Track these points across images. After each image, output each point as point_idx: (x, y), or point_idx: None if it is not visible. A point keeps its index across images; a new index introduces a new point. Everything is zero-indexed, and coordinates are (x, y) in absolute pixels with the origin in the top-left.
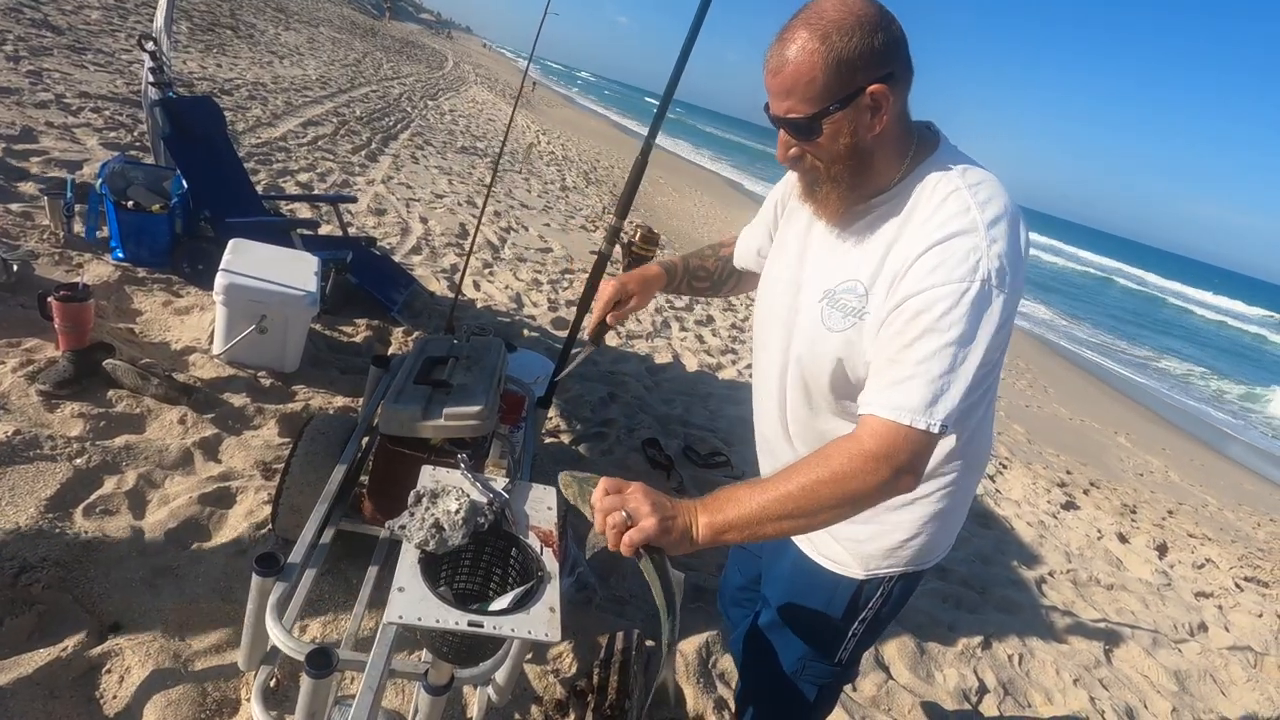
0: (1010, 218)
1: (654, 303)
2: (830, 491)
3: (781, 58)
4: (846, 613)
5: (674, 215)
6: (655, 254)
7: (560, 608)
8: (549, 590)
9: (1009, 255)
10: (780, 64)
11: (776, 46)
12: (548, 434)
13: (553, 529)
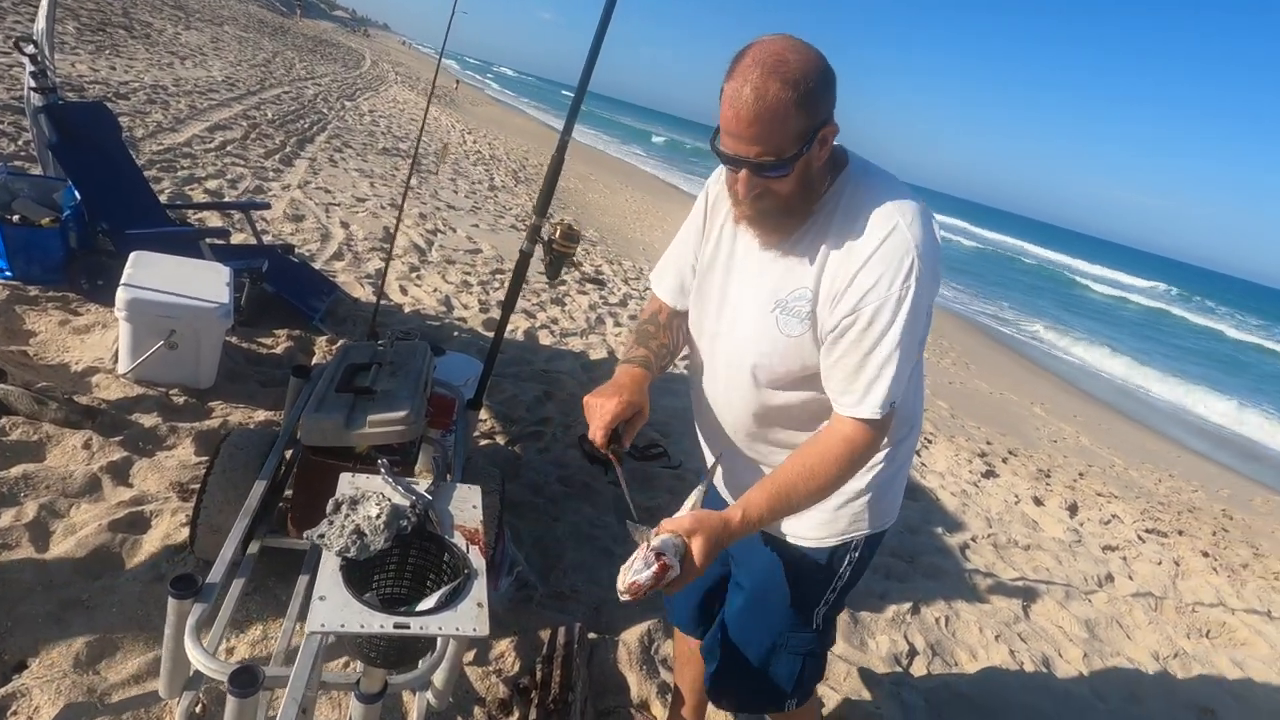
0: (923, 214)
1: (587, 299)
2: (832, 481)
3: (754, 107)
4: (821, 580)
5: (606, 212)
6: (575, 251)
7: (490, 603)
8: (476, 586)
9: (930, 248)
10: (755, 113)
11: (745, 93)
12: (482, 436)
13: (478, 527)
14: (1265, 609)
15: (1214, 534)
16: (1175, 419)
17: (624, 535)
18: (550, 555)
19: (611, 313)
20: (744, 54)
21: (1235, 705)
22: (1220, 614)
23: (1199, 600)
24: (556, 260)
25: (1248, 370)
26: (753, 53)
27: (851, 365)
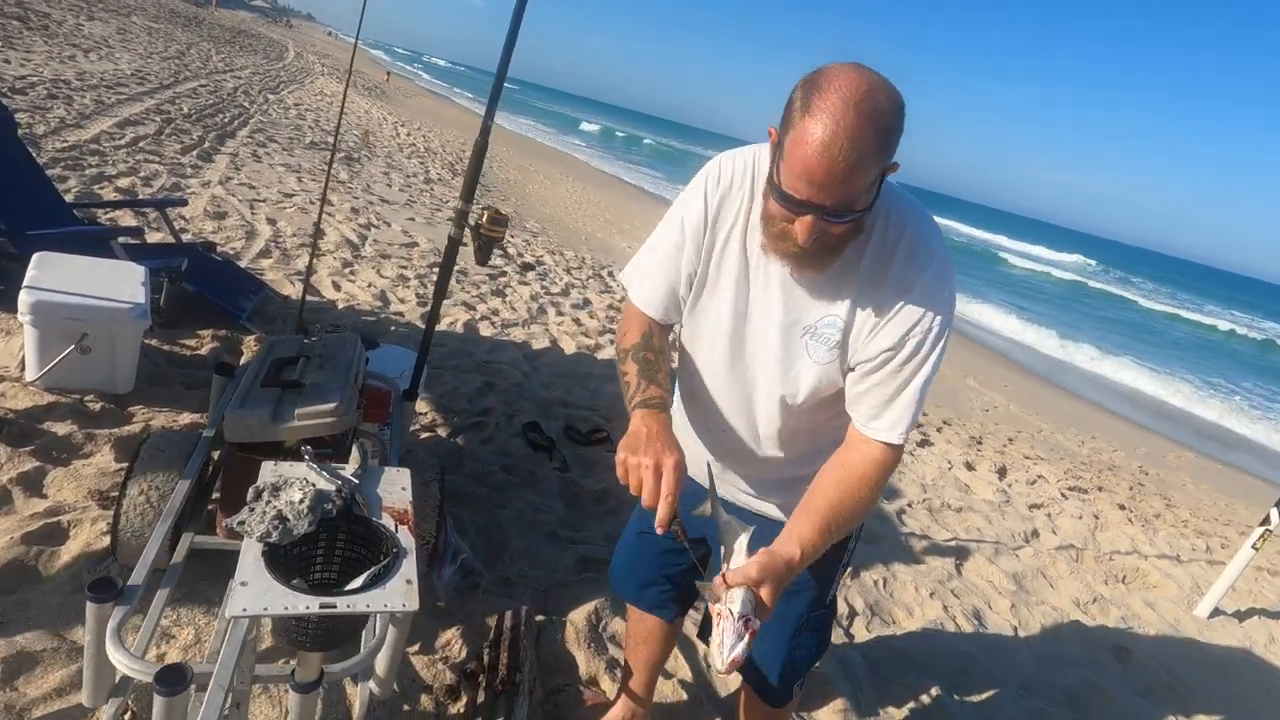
0: (939, 234)
1: (529, 290)
2: (869, 502)
3: (847, 157)
4: (836, 558)
5: (547, 203)
6: (503, 235)
7: (435, 591)
8: (405, 564)
9: (952, 272)
10: (847, 164)
11: (837, 142)
12: (422, 429)
13: (407, 508)
14: (1175, 554)
15: (1131, 489)
16: (1098, 385)
17: (570, 519)
18: (495, 543)
19: (554, 302)
20: (825, 88)
21: (1148, 642)
22: (1134, 561)
23: (1116, 549)
24: (485, 244)
25: (1160, 336)
26: (839, 89)
27: (887, 394)
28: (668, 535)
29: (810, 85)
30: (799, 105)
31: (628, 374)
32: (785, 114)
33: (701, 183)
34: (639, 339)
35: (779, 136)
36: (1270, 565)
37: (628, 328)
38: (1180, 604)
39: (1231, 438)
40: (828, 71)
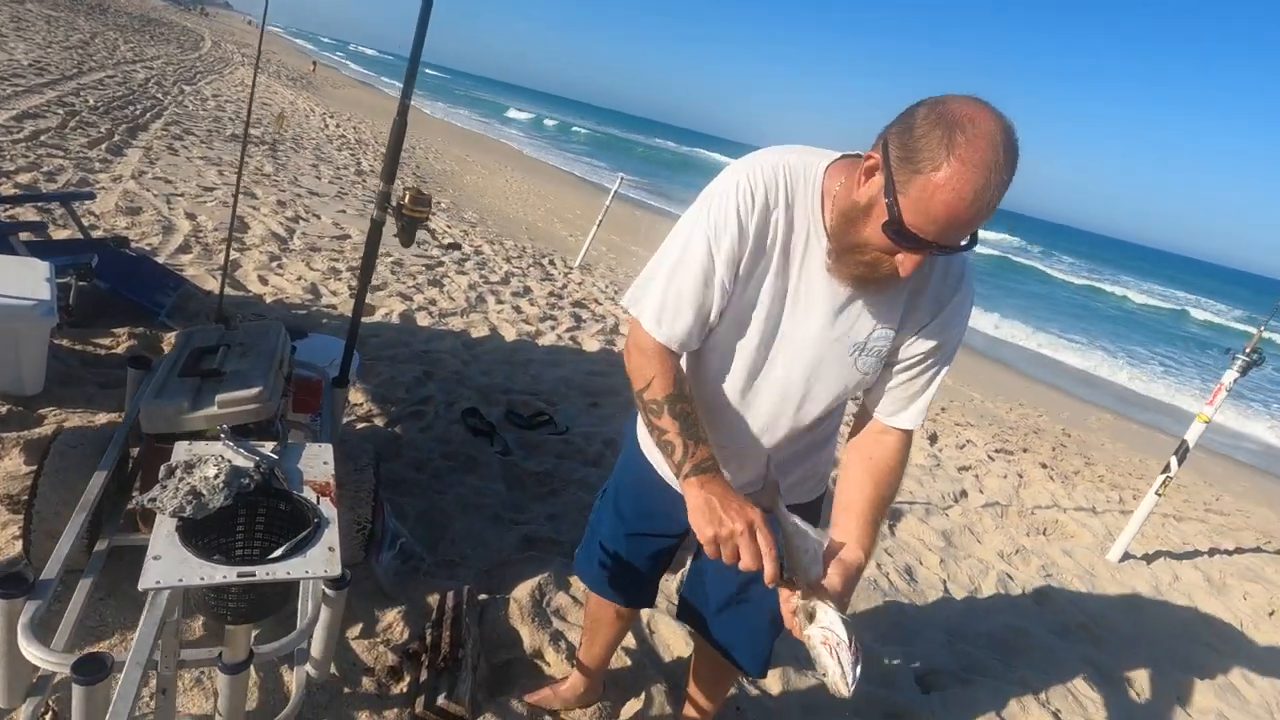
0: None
1: (467, 279)
2: (899, 483)
3: (991, 205)
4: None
5: (485, 193)
6: (427, 215)
7: (341, 547)
8: (327, 533)
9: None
10: (989, 211)
11: (989, 191)
12: (359, 419)
13: (329, 480)
14: (1091, 506)
15: (1053, 449)
16: (1026, 356)
17: (513, 501)
18: (437, 527)
19: (493, 290)
20: (971, 131)
21: (1065, 587)
22: (1054, 514)
23: (1037, 504)
24: (409, 225)
25: (1081, 308)
26: (987, 135)
27: (917, 388)
28: (659, 539)
29: (951, 125)
30: (941, 146)
31: (667, 431)
32: (910, 147)
33: (732, 203)
34: (672, 388)
35: (898, 170)
36: (1176, 512)
37: (652, 371)
38: (1094, 551)
39: (1147, 400)
40: (966, 110)
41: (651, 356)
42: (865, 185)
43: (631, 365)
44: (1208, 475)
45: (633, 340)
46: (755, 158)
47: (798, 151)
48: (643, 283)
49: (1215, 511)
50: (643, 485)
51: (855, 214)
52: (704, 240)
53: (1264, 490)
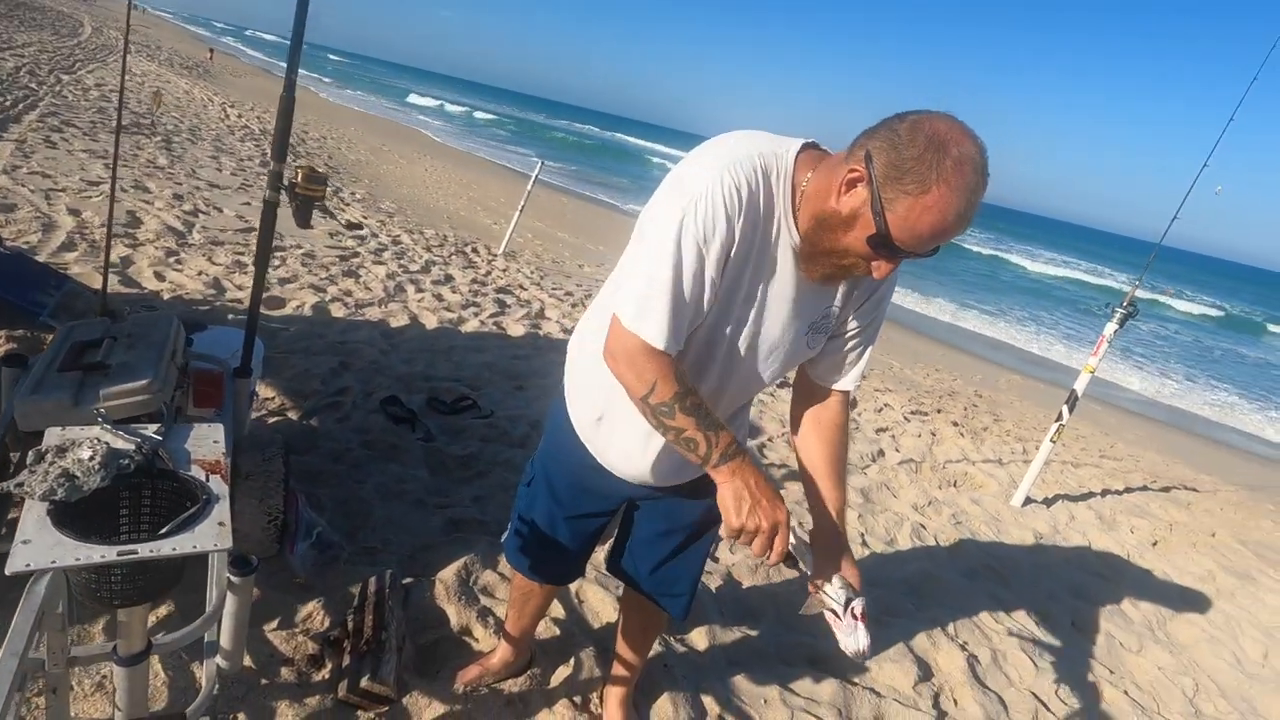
0: None
1: (384, 269)
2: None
3: (968, 218)
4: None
5: (403, 183)
6: (323, 194)
7: (253, 539)
8: (217, 508)
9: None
10: (967, 224)
11: (970, 212)
12: (271, 413)
13: (219, 459)
14: (998, 458)
15: (965, 409)
16: (943, 327)
17: (437, 486)
18: (357, 516)
19: (413, 280)
20: (956, 155)
21: (973, 533)
22: (964, 467)
23: (949, 459)
24: (304, 204)
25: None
26: (970, 160)
27: (854, 355)
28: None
29: (939, 149)
30: (930, 170)
31: (685, 429)
32: (899, 167)
33: (720, 203)
34: (677, 385)
35: (885, 187)
36: (1074, 459)
37: (651, 374)
38: (1000, 498)
39: (1051, 361)
40: (950, 134)
41: (647, 360)
42: (847, 196)
43: (624, 373)
44: (1104, 425)
45: (619, 348)
46: (730, 150)
47: (764, 140)
48: (638, 298)
49: (1109, 457)
50: (576, 468)
51: (836, 222)
52: (694, 246)
53: (1153, 436)
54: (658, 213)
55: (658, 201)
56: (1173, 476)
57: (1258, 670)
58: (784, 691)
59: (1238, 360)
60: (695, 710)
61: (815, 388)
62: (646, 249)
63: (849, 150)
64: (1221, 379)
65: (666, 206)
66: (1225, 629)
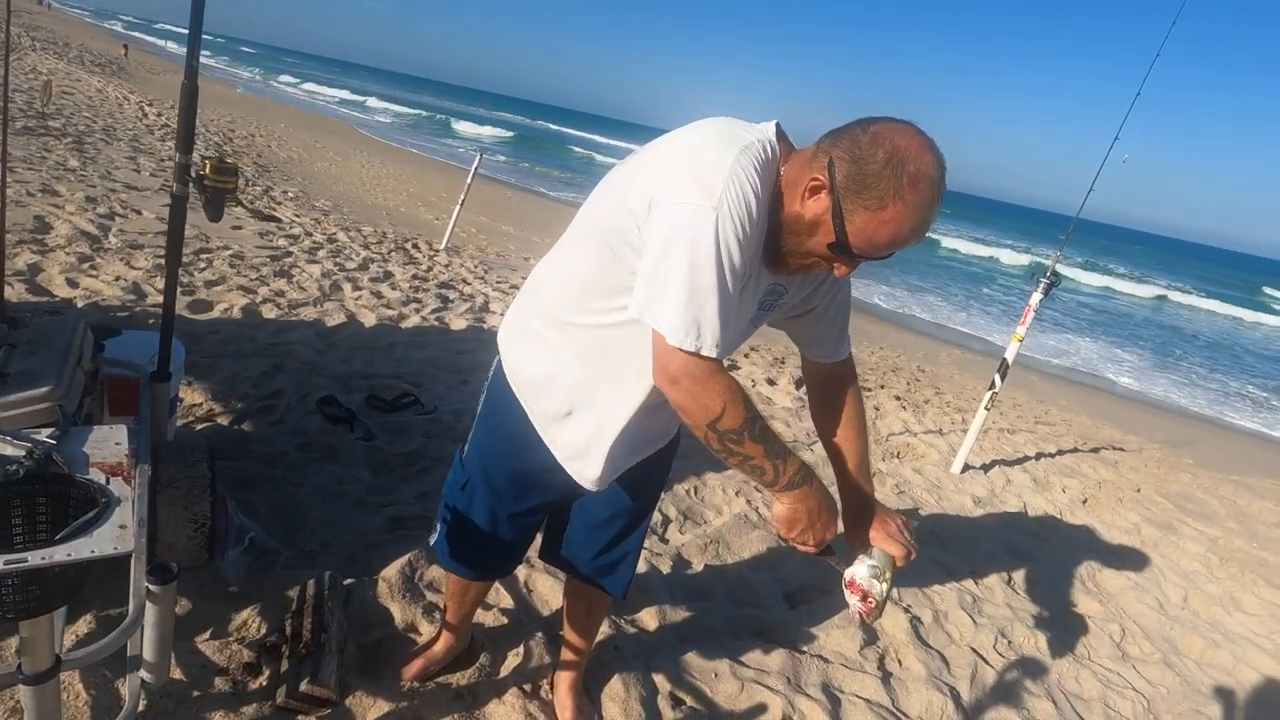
0: None
1: (319, 268)
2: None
3: (926, 229)
4: (666, 473)
5: (339, 180)
6: (235, 185)
7: (134, 524)
8: (118, 511)
9: None
10: (924, 234)
11: (929, 221)
12: (199, 419)
13: (122, 460)
14: (938, 428)
15: (908, 384)
16: (882, 310)
17: (378, 486)
18: (293, 519)
19: (350, 278)
20: (914, 170)
21: (915, 500)
22: (906, 439)
23: (892, 432)
24: (214, 197)
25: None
26: (929, 173)
27: (839, 325)
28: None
29: (898, 165)
30: (889, 186)
31: (753, 457)
32: (859, 180)
33: (750, 192)
34: (745, 409)
35: (846, 199)
36: (1010, 426)
37: (718, 400)
38: (940, 466)
39: (990, 335)
40: (910, 148)
41: (713, 382)
42: (810, 202)
43: (687, 400)
44: (1039, 393)
45: (679, 372)
46: (733, 134)
47: (743, 125)
48: (684, 310)
49: (1044, 423)
50: (521, 462)
51: (801, 227)
52: (735, 243)
53: (1084, 401)
54: (677, 209)
55: (668, 201)
56: (1101, 438)
57: (1178, 613)
58: (734, 664)
59: (1151, 325)
60: (646, 689)
61: (818, 367)
62: (683, 250)
63: (814, 150)
64: (1138, 343)
65: (690, 208)
66: (1149, 577)
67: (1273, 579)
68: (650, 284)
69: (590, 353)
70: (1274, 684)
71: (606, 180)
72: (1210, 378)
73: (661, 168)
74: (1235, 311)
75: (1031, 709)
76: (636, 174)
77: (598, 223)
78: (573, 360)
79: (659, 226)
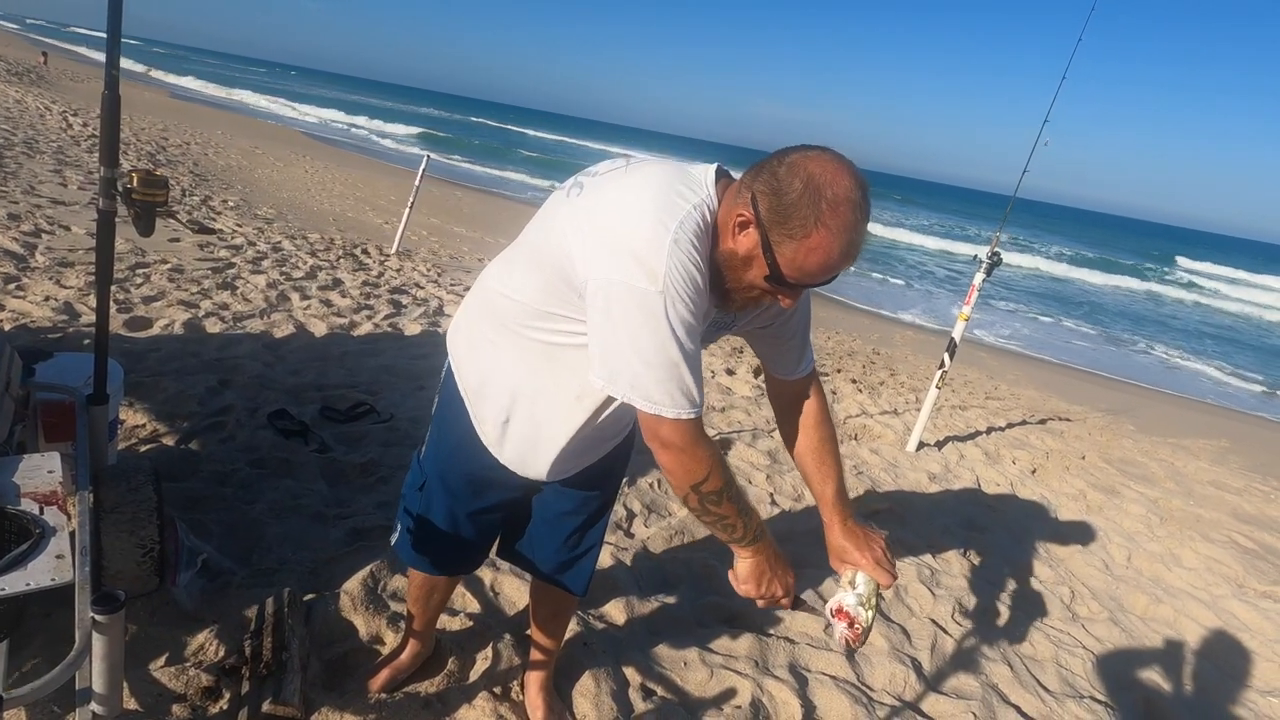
0: None
1: (264, 278)
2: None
3: (856, 251)
4: (623, 471)
5: (282, 187)
6: (165, 198)
7: (77, 553)
8: (54, 541)
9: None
10: (856, 255)
11: (856, 246)
12: (143, 441)
13: (56, 488)
14: (893, 409)
15: (863, 367)
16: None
17: (336, 497)
18: (248, 537)
19: (297, 287)
20: (833, 198)
21: (873, 480)
22: (863, 420)
23: (849, 414)
24: (145, 211)
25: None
26: (849, 200)
27: (800, 340)
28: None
29: (816, 193)
30: (810, 214)
31: (728, 516)
32: (781, 212)
33: (691, 266)
34: (724, 471)
35: (771, 231)
36: (962, 403)
37: (703, 466)
38: (896, 446)
39: (942, 318)
40: (826, 174)
41: (695, 448)
42: (740, 237)
43: (674, 466)
44: (988, 369)
45: (668, 437)
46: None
47: (684, 178)
48: (661, 384)
49: (993, 398)
50: (476, 469)
51: (736, 263)
52: (684, 322)
53: (1031, 375)
54: (627, 293)
55: (616, 278)
56: (1048, 409)
57: (1123, 572)
58: (703, 652)
59: (1086, 297)
60: (617, 682)
61: (782, 385)
62: (645, 336)
63: (739, 186)
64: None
65: (639, 293)
66: (1096, 539)
67: (1209, 534)
68: (614, 359)
69: (532, 363)
70: (1212, 633)
71: (551, 213)
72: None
73: (602, 240)
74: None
75: (989, 673)
76: (581, 227)
77: (543, 257)
78: (513, 365)
79: (612, 303)
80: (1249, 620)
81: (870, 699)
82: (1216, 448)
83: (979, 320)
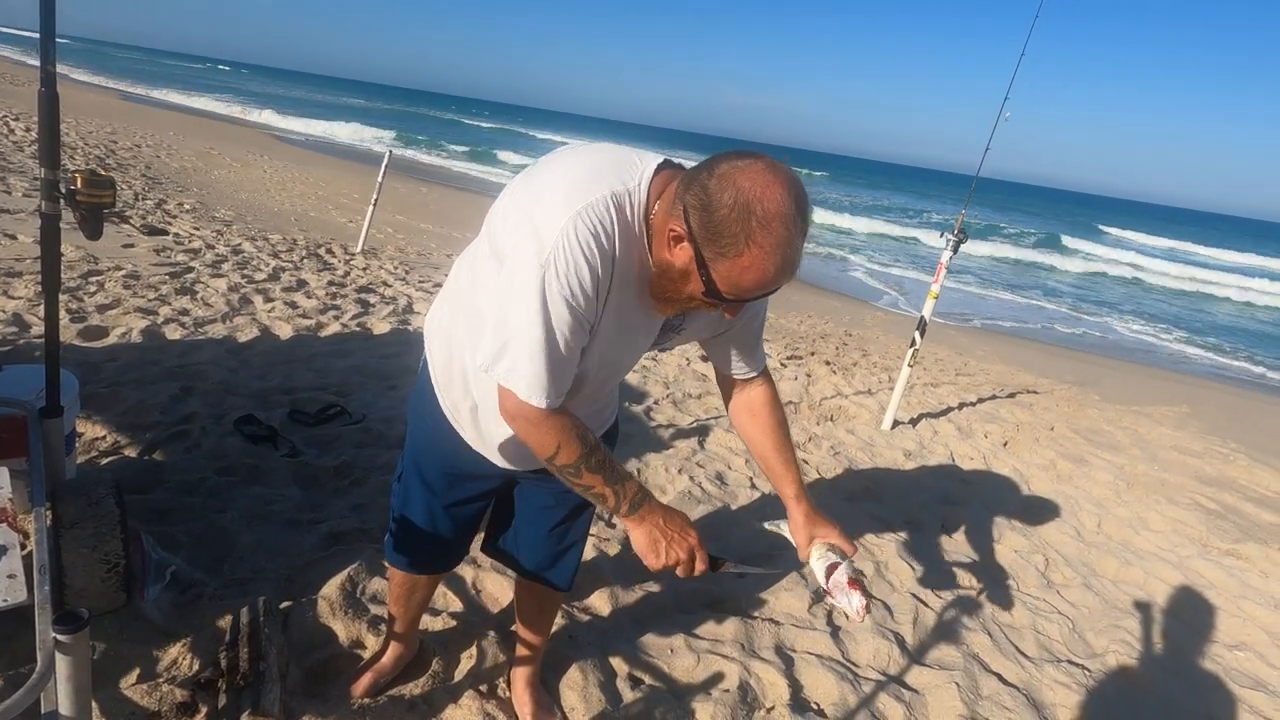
0: None
1: (225, 282)
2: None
3: (793, 264)
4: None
5: (240, 188)
6: (112, 199)
7: (34, 572)
8: (4, 560)
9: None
10: (794, 267)
11: (792, 259)
12: (103, 454)
13: (5, 505)
14: (867, 389)
15: (836, 349)
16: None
17: (309, 502)
18: (219, 547)
19: (260, 289)
20: (764, 214)
21: (850, 460)
22: (838, 402)
23: (824, 396)
24: (91, 213)
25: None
26: (782, 214)
27: (752, 340)
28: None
29: (745, 210)
30: (740, 232)
31: (593, 486)
32: (712, 229)
33: (580, 257)
34: (580, 445)
35: (704, 247)
36: (934, 381)
37: (553, 439)
38: (872, 425)
39: (913, 296)
40: (756, 189)
41: (545, 425)
42: (676, 251)
43: (526, 437)
44: (958, 346)
45: (515, 411)
46: (581, 189)
47: (614, 168)
48: (519, 364)
49: (964, 374)
50: (450, 456)
51: (675, 274)
52: (563, 304)
53: (999, 350)
54: (515, 260)
55: (513, 240)
56: (1017, 383)
57: (1094, 538)
58: (689, 638)
59: (1050, 273)
60: (604, 673)
61: (734, 381)
62: (515, 305)
63: (676, 193)
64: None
65: (524, 258)
66: (1067, 507)
67: (1174, 497)
68: (495, 325)
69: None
70: (1180, 592)
71: (503, 202)
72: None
73: (520, 208)
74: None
75: (970, 644)
76: (514, 199)
77: (497, 240)
78: (471, 348)
79: (504, 266)
80: (1214, 578)
81: (856, 675)
82: (1177, 414)
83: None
